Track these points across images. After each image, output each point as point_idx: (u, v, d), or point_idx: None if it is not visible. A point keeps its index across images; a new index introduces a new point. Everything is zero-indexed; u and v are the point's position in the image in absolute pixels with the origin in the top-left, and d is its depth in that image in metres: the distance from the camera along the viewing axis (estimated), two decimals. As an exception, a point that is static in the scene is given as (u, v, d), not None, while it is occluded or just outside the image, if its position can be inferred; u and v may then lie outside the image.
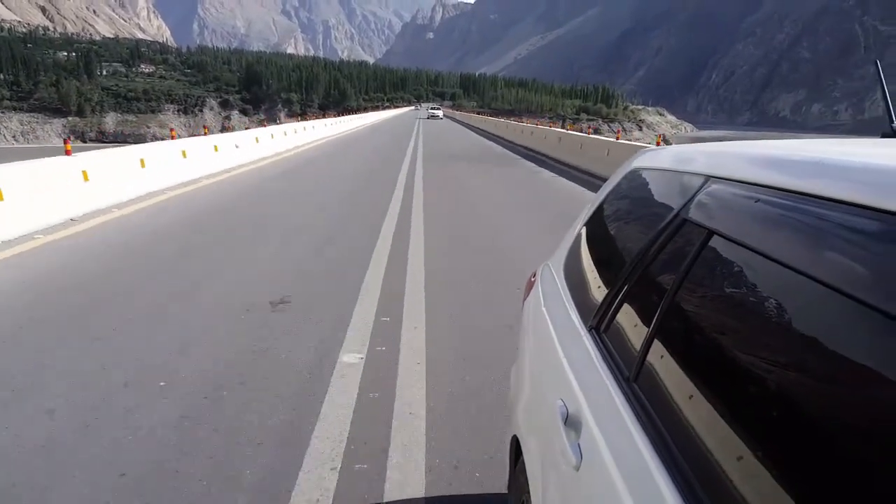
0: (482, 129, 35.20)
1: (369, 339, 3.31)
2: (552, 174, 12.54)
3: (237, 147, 12.68)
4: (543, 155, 16.90)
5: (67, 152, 7.23)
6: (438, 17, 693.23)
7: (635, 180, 1.53)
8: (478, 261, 5.24)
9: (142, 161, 8.53)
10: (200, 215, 7.37)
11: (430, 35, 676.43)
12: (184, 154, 9.94)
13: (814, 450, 0.57)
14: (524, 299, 1.98)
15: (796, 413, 0.62)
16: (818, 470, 0.56)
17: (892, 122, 1.36)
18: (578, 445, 1.00)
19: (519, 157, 16.98)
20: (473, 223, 7.15)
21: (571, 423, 1.07)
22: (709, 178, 1.02)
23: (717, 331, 0.85)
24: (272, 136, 16.58)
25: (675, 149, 1.41)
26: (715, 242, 0.88)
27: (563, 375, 1.25)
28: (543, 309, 1.68)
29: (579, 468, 0.97)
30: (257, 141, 14.56)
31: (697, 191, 1.03)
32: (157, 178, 8.81)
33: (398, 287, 4.29)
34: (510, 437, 1.65)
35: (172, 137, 10.26)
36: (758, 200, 0.83)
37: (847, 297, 0.57)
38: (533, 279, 1.97)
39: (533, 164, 14.77)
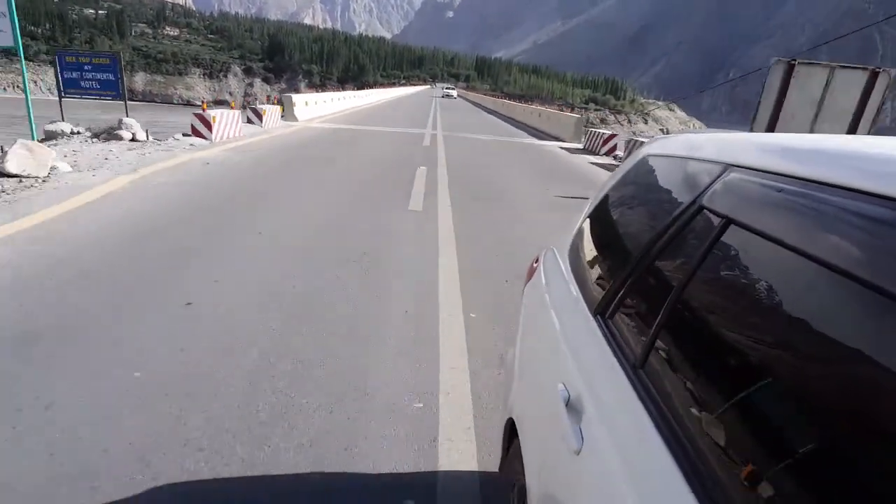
0: (485, 106, 44.12)
1: (426, 172, 7.84)
2: (511, 126, 20.87)
3: (325, 103, 20.44)
4: (523, 123, 24.67)
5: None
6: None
7: (646, 167, 1.50)
8: (465, 144, 10.88)
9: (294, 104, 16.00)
10: (337, 131, 13.81)
11: (450, 14, 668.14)
12: (305, 103, 16.90)
13: (827, 441, 0.56)
14: (526, 283, 1.96)
15: (810, 405, 0.60)
16: (830, 460, 0.55)
17: None
18: (580, 430, 0.99)
19: (501, 119, 26.86)
20: (467, 128, 12.72)
21: (573, 407, 1.06)
22: (728, 166, 1.00)
23: (732, 320, 0.82)
24: (339, 99, 24.88)
25: (687, 137, 1.40)
26: (733, 231, 0.86)
27: (565, 359, 1.23)
28: (546, 294, 1.66)
29: (580, 452, 0.95)
30: (331, 101, 21.81)
31: (716, 179, 1.01)
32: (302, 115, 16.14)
33: (434, 155, 9.24)
34: (505, 420, 1.63)
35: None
36: (781, 190, 0.80)
37: (872, 291, 0.55)
38: (536, 264, 1.95)
39: (507, 123, 24.10)
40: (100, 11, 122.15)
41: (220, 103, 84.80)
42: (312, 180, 7.40)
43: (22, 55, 7.45)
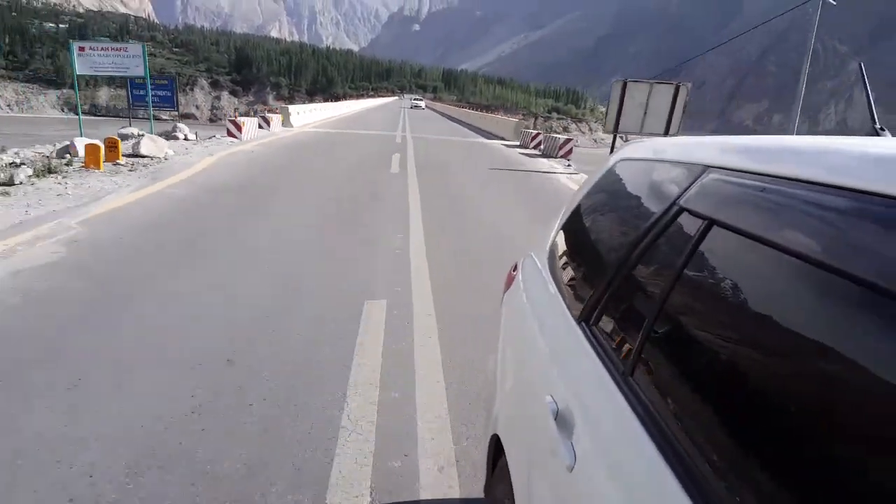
0: (448, 115, 49.61)
1: (399, 151, 12.36)
2: (468, 130, 24.56)
3: (311, 111, 24.16)
4: (478, 128, 28.86)
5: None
6: (425, 10, 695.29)
7: (622, 172, 1.49)
8: (428, 141, 14.46)
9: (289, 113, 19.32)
10: (328, 133, 17.06)
11: (416, 27, 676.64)
12: (297, 113, 20.51)
13: (817, 442, 0.57)
14: (504, 291, 1.91)
15: (803, 406, 0.60)
16: (822, 462, 0.56)
17: (874, 123, 1.35)
18: (571, 444, 0.96)
19: (461, 125, 31.39)
20: (431, 131, 16.30)
21: (562, 420, 1.03)
22: (706, 167, 1.00)
23: (718, 321, 0.82)
24: (320, 109, 28.23)
25: (658, 140, 1.42)
26: (716, 232, 0.86)
27: (551, 371, 1.21)
28: (526, 302, 1.63)
29: (573, 468, 0.92)
30: (315, 111, 25.44)
31: (695, 180, 1.00)
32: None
33: (404, 149, 13.36)
34: (489, 437, 1.57)
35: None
36: (763, 189, 0.80)
37: (858, 286, 0.56)
38: (514, 272, 1.91)
39: (465, 128, 27.46)
40: (60, 25, 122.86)
41: (186, 117, 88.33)
42: (325, 159, 11.61)
43: (148, 84, 11.31)
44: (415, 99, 76.06)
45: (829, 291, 0.61)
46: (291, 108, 20.56)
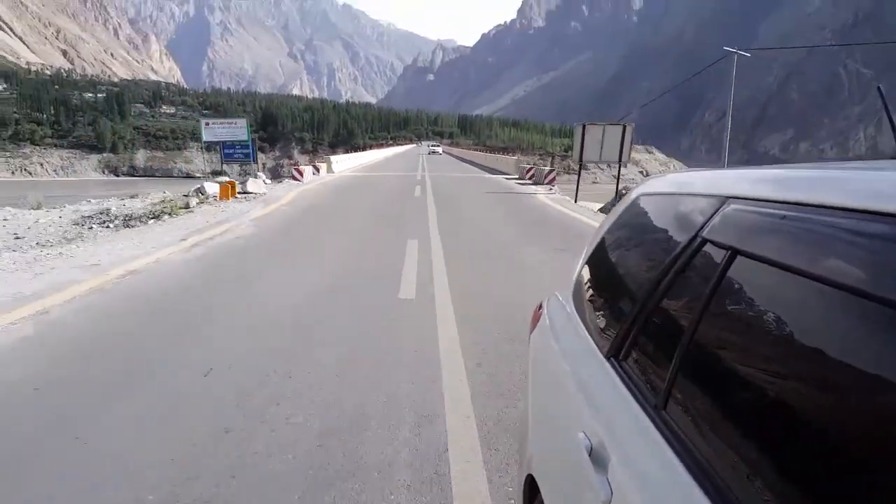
0: (462, 157, 55.70)
1: (420, 184, 17.53)
2: (477, 168, 29.58)
3: (345, 160, 28.87)
4: (485, 165, 33.50)
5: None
6: (438, 60, 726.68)
7: (642, 207, 1.54)
8: (447, 179, 19.21)
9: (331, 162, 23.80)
10: (363, 175, 21.95)
11: (431, 77, 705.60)
12: (336, 161, 25.10)
13: (861, 476, 0.56)
14: (531, 330, 1.96)
15: (841, 436, 0.60)
16: (868, 499, 0.55)
17: None
18: (607, 480, 0.97)
19: (471, 165, 35.81)
20: (446, 170, 20.98)
21: (596, 456, 1.05)
22: (727, 198, 1.03)
23: (748, 350, 0.83)
24: (351, 158, 33.29)
25: (677, 175, 1.45)
26: (740, 261, 0.88)
27: (583, 407, 1.23)
28: (553, 340, 1.68)
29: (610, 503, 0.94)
30: (348, 159, 30.39)
31: (716, 211, 1.04)
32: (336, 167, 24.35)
33: (423, 183, 18.40)
34: (523, 477, 1.61)
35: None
36: (784, 217, 0.82)
37: (891, 312, 0.55)
38: (539, 311, 1.96)
39: (474, 167, 32.30)
40: (98, 95, 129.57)
41: (217, 174, 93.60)
42: (368, 189, 16.60)
43: (251, 144, 16.51)
44: (432, 145, 79.05)
45: (864, 317, 0.61)
46: (332, 157, 26.10)
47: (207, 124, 17.14)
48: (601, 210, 13.42)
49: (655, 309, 1.13)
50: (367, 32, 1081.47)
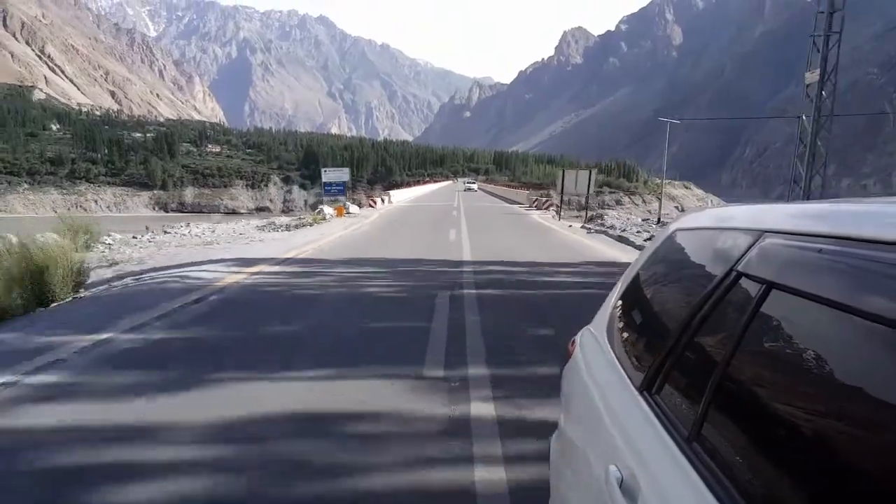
0: (492, 192, 64.90)
1: (456, 209, 27.76)
2: (501, 200, 40.18)
3: (398, 194, 39.30)
4: (507, 199, 43.28)
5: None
6: (475, 98, 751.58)
7: (677, 241, 1.59)
8: (475, 206, 29.72)
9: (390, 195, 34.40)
10: (415, 204, 33.04)
11: (468, 114, 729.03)
12: (392, 194, 35.91)
13: None
14: (564, 365, 2.06)
15: (876, 471, 0.61)
16: None
17: None
18: None
19: (497, 198, 45.84)
20: (475, 201, 31.61)
21: (627, 489, 1.08)
22: (763, 232, 1.06)
23: (781, 384, 0.85)
24: (401, 192, 43.41)
25: (714, 210, 1.51)
26: (775, 295, 0.91)
27: (614, 440, 1.27)
28: (585, 375, 1.73)
29: None
30: (399, 193, 40.70)
31: (751, 245, 1.07)
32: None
33: (458, 208, 28.82)
34: None
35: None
36: (820, 250, 0.84)
37: None
38: (572, 347, 2.04)
39: (499, 200, 42.57)
40: (147, 134, 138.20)
41: (262, 210, 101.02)
42: (423, 211, 26.51)
43: (348, 182, 26.62)
44: (468, 182, 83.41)
45: (889, 349, 0.63)
46: (392, 192, 36.47)
47: (326, 171, 27.03)
48: (581, 226, 22.50)
49: (690, 342, 1.17)
50: (405, 71, 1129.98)
